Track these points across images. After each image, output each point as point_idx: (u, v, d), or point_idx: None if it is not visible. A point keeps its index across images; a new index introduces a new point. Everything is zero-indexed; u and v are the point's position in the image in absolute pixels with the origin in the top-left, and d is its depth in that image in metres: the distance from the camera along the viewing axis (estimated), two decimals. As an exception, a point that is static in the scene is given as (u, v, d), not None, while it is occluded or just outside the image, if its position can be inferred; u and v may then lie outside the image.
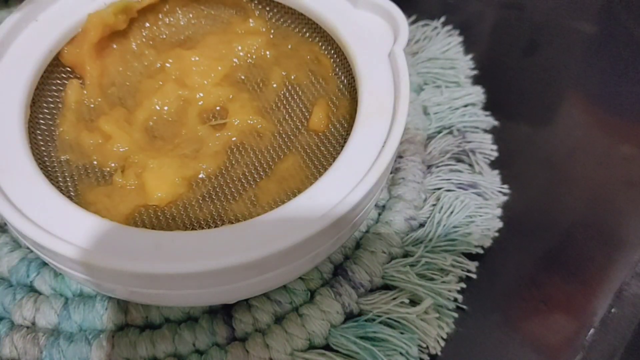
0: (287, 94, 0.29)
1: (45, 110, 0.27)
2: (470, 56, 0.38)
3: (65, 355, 0.24)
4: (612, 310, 0.27)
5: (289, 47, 0.30)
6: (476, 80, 0.37)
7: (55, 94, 0.28)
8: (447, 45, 0.38)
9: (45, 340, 0.25)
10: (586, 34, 0.41)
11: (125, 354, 0.25)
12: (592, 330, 0.26)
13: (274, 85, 0.29)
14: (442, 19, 0.40)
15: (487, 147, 0.33)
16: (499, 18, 0.42)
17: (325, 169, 0.23)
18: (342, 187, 0.22)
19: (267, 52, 0.30)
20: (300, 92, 0.29)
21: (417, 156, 0.32)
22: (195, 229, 0.24)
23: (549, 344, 0.26)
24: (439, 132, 0.34)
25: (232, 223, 0.22)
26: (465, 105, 0.35)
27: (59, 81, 0.28)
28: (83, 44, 0.27)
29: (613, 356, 0.26)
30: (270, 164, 0.26)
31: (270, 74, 0.29)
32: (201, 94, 0.28)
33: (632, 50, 0.39)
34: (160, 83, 0.29)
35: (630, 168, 0.33)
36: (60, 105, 0.27)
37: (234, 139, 0.27)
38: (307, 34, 0.30)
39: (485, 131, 0.34)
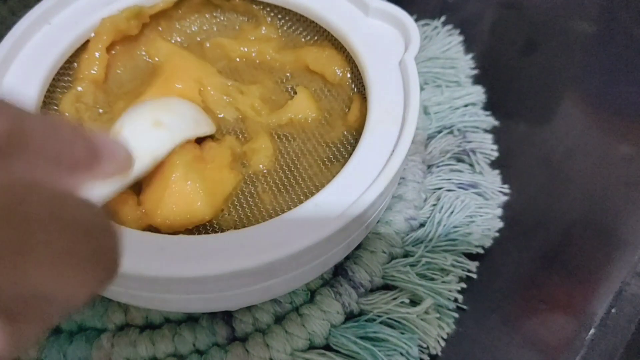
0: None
1: (57, 112, 0.27)
2: (470, 56, 0.38)
3: (66, 354, 0.24)
4: (612, 310, 0.27)
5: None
6: (476, 80, 0.37)
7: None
8: (447, 44, 0.38)
9: (46, 340, 0.25)
10: (586, 34, 0.41)
11: (125, 354, 0.25)
12: (592, 330, 0.26)
13: None
14: (442, 19, 0.40)
15: (488, 146, 0.33)
16: (499, 18, 0.42)
17: (334, 175, 0.23)
18: (349, 193, 0.22)
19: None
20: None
21: (418, 156, 0.32)
22: (201, 234, 0.23)
23: (549, 344, 0.26)
24: (440, 132, 0.34)
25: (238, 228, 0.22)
26: (466, 105, 0.35)
27: (70, 84, 0.28)
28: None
29: (613, 356, 0.26)
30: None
31: None
32: None
33: (632, 50, 0.39)
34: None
35: (629, 168, 0.33)
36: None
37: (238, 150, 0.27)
38: (319, 42, 0.30)
39: (486, 131, 0.34)
